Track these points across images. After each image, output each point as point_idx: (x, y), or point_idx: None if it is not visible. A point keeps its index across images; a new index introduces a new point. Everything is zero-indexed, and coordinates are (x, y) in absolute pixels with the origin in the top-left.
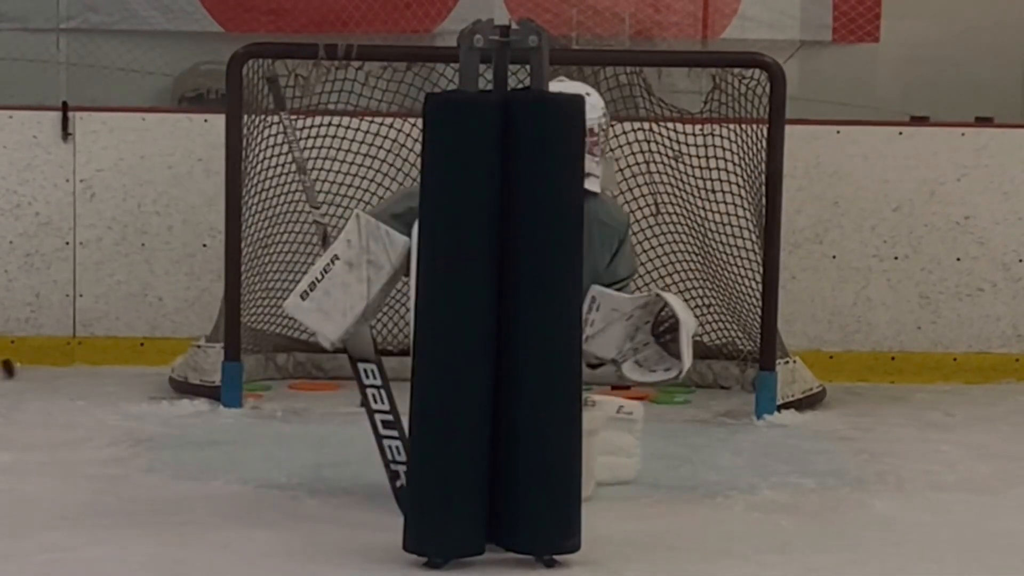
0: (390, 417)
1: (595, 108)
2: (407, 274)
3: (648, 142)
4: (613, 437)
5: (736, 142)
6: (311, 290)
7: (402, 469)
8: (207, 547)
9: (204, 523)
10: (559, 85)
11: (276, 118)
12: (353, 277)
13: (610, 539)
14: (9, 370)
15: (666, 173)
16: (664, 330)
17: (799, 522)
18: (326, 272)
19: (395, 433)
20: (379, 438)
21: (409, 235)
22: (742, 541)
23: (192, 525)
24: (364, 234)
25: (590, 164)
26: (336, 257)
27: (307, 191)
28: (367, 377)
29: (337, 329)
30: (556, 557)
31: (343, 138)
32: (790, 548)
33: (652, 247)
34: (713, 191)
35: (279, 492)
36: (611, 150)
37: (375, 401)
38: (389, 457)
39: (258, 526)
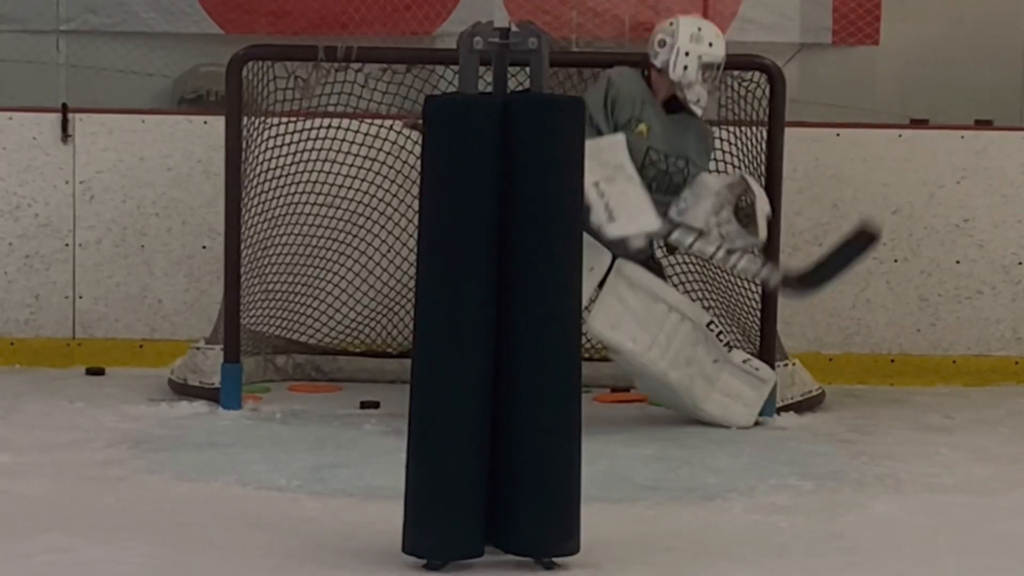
0: (724, 250)
1: (720, 47)
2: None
3: None
4: (737, 384)
5: (736, 144)
6: (612, 212)
7: (771, 267)
8: (206, 548)
9: (203, 525)
10: (697, 21)
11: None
12: (619, 184)
13: (609, 541)
14: None
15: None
16: (744, 210)
17: (798, 524)
18: (604, 196)
19: (739, 254)
20: (734, 265)
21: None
22: (741, 543)
23: (191, 527)
24: (594, 155)
25: (701, 91)
26: (596, 183)
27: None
28: (686, 237)
29: (652, 219)
30: (555, 559)
31: (343, 140)
32: (789, 550)
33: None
34: None
35: (278, 494)
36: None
37: (706, 247)
38: (754, 268)
39: (257, 528)
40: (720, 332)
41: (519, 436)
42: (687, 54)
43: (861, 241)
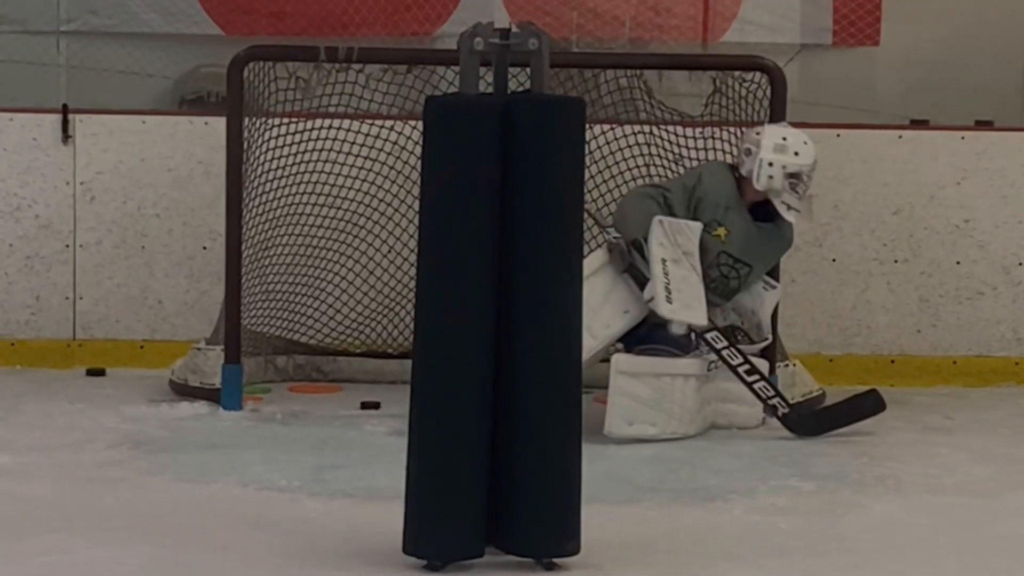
0: (748, 367)
1: (807, 155)
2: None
3: (648, 145)
4: (735, 388)
5: (736, 145)
6: (670, 293)
7: (776, 401)
8: (206, 549)
9: (203, 525)
10: (791, 130)
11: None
12: (684, 270)
13: (609, 542)
14: None
15: (666, 176)
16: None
17: (798, 525)
18: (667, 275)
19: (757, 376)
20: (748, 384)
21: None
22: (741, 544)
23: (191, 527)
24: (670, 232)
25: (791, 199)
26: (663, 260)
27: (595, 216)
28: (716, 343)
29: (703, 314)
30: (556, 560)
31: (343, 140)
32: (789, 551)
33: None
34: None
35: (279, 494)
36: (677, 159)
37: (731, 358)
38: (763, 396)
39: (258, 528)
40: (714, 364)
41: (519, 437)
42: (771, 164)
43: (870, 406)
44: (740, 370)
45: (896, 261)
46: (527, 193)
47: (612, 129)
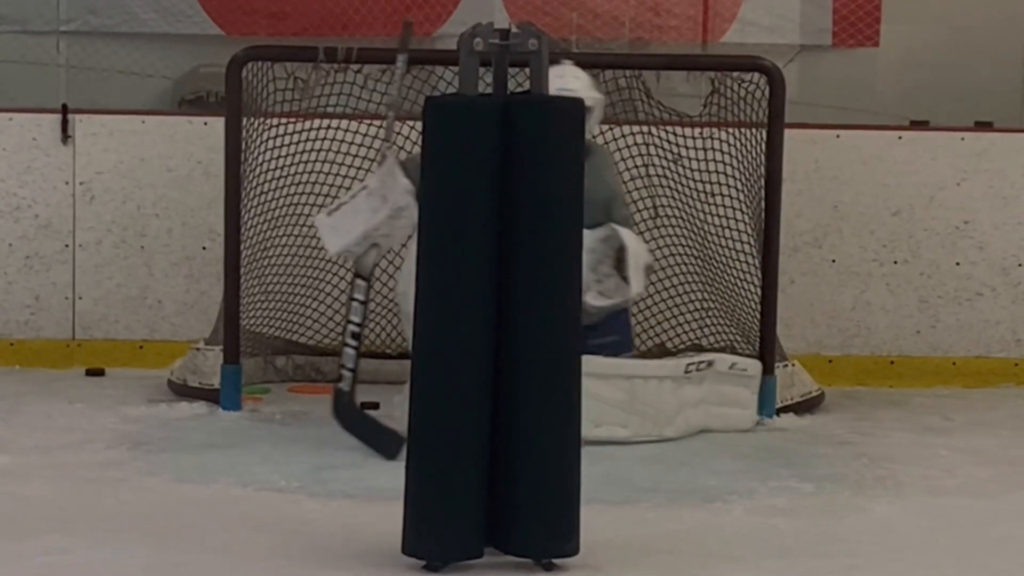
0: (357, 329)
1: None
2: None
3: (647, 145)
4: (729, 391)
5: (735, 146)
6: (336, 209)
7: (347, 374)
8: (206, 550)
9: (203, 526)
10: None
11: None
12: (368, 205)
13: (609, 543)
14: None
15: (665, 177)
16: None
17: (798, 526)
18: (352, 197)
19: (355, 344)
20: (344, 343)
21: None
22: (741, 545)
23: (191, 528)
24: (386, 169)
25: None
26: (365, 186)
27: (387, 127)
28: (355, 291)
29: (336, 245)
30: (555, 561)
31: (342, 141)
32: (789, 552)
33: (651, 250)
34: (712, 195)
35: (278, 495)
36: (676, 159)
37: (352, 313)
38: (343, 362)
39: (257, 529)
40: (700, 363)
41: (519, 437)
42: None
43: (385, 444)
44: (349, 326)
45: (896, 262)
46: (526, 193)
47: (611, 129)
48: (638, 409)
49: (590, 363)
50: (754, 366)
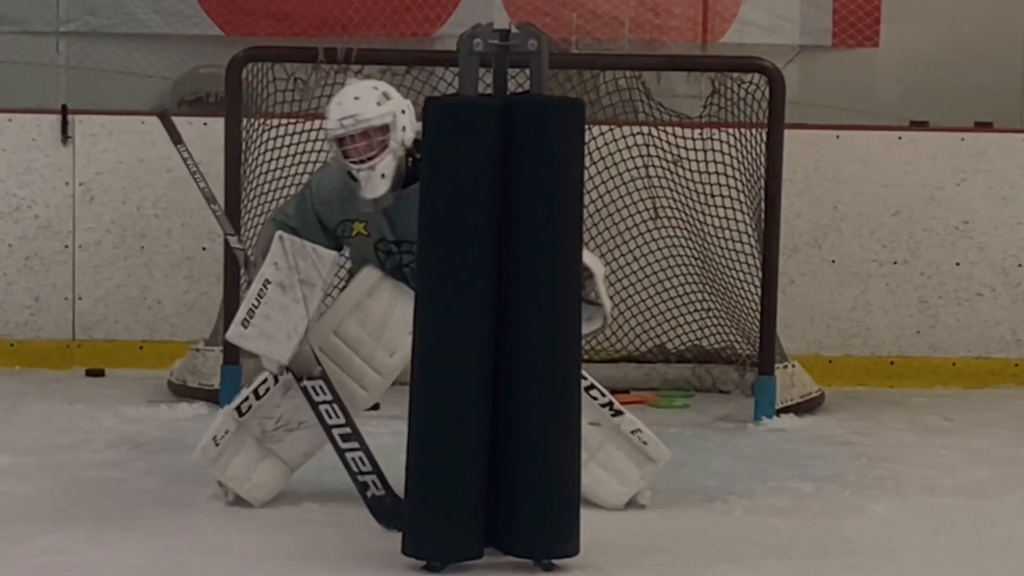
0: (347, 430)
1: (335, 119)
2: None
3: (647, 146)
4: (620, 458)
5: (735, 146)
6: (250, 317)
7: (371, 479)
8: (206, 551)
9: (202, 527)
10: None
11: (178, 151)
12: (289, 298)
13: (608, 543)
14: None
15: (665, 177)
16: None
17: (797, 526)
18: (260, 297)
19: (356, 444)
20: (340, 452)
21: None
22: (740, 546)
23: (190, 529)
24: (291, 254)
25: (360, 170)
26: (268, 281)
27: (220, 220)
28: (317, 394)
29: (285, 351)
30: (555, 561)
31: None
32: (788, 553)
33: (651, 251)
34: (712, 195)
35: (278, 496)
36: (676, 160)
37: (329, 416)
38: (355, 469)
39: (257, 530)
40: (608, 400)
41: (519, 438)
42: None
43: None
44: (335, 432)
45: (895, 262)
46: (526, 194)
47: (611, 130)
48: None
49: None
50: (657, 449)
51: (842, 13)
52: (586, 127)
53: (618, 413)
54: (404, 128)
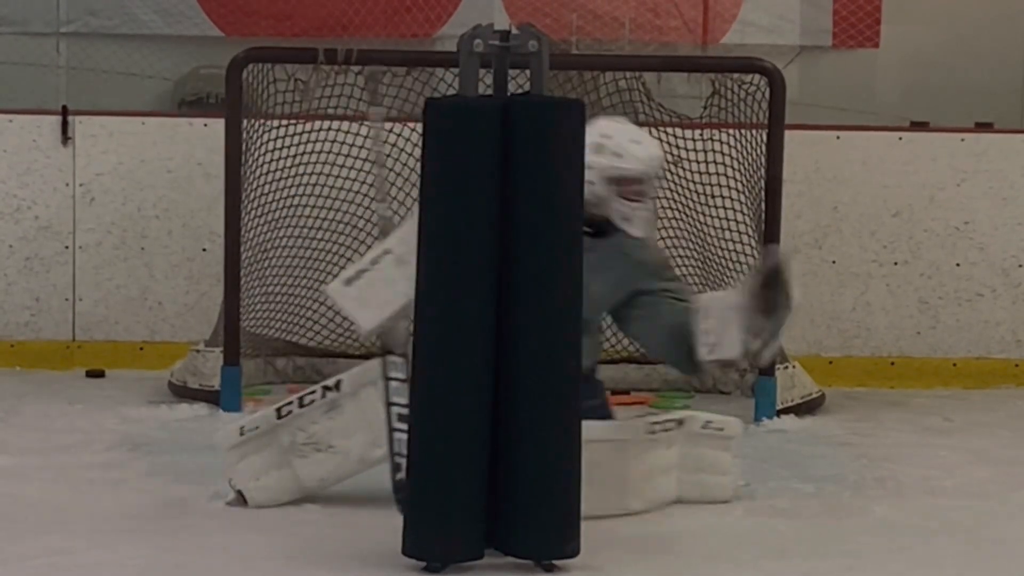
0: (405, 411)
1: (634, 158)
2: None
3: None
4: (706, 455)
5: (735, 147)
6: (357, 278)
7: (403, 462)
8: (206, 551)
9: (203, 527)
10: (617, 126)
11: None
12: (400, 273)
13: (609, 544)
14: None
15: (665, 178)
16: (765, 290)
17: (798, 527)
18: (374, 263)
19: (406, 428)
20: (391, 429)
21: None
22: (741, 546)
23: (191, 529)
24: (412, 230)
25: (625, 209)
26: (388, 251)
27: (378, 184)
28: (392, 370)
29: (372, 320)
30: (555, 562)
31: (342, 143)
32: (789, 553)
33: None
34: (712, 196)
35: None
36: (676, 161)
37: (396, 395)
38: (395, 449)
39: (257, 530)
40: (667, 422)
41: (519, 438)
42: (589, 168)
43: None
44: (393, 410)
45: (896, 263)
46: (527, 195)
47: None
48: (597, 478)
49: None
50: (732, 424)
51: (842, 14)
52: (587, 128)
53: (681, 422)
54: None
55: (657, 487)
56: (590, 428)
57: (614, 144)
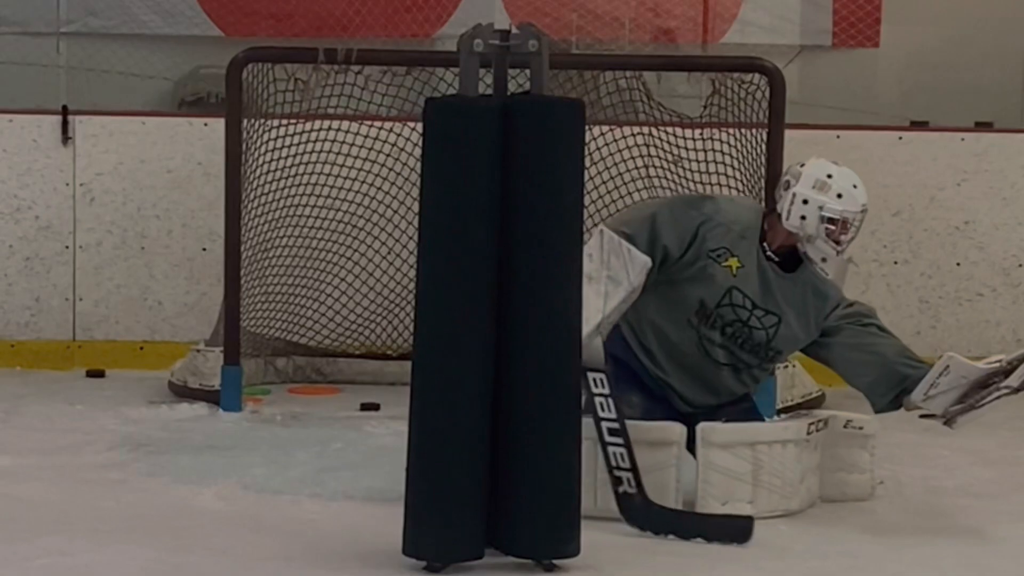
0: (616, 425)
1: (853, 200)
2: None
3: (647, 146)
4: (846, 454)
5: (736, 147)
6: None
7: (626, 475)
8: (206, 552)
9: (203, 528)
10: (841, 168)
11: None
12: (591, 290)
13: (609, 544)
14: None
15: (665, 178)
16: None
17: (798, 527)
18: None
19: (620, 440)
20: (604, 444)
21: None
22: (741, 546)
23: (191, 530)
24: (606, 249)
25: (827, 249)
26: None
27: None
28: (596, 386)
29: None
30: (555, 561)
31: (343, 142)
32: (789, 554)
33: None
34: None
35: (278, 496)
36: (676, 160)
37: (602, 409)
38: (613, 463)
39: (257, 531)
40: (819, 423)
41: (519, 438)
42: (805, 202)
43: (734, 533)
44: (604, 425)
45: (896, 262)
46: (527, 195)
47: (611, 130)
48: (764, 481)
49: (710, 431)
50: (870, 423)
51: (842, 13)
52: (586, 127)
53: (827, 422)
54: None
55: (811, 487)
56: (760, 429)
57: (837, 185)
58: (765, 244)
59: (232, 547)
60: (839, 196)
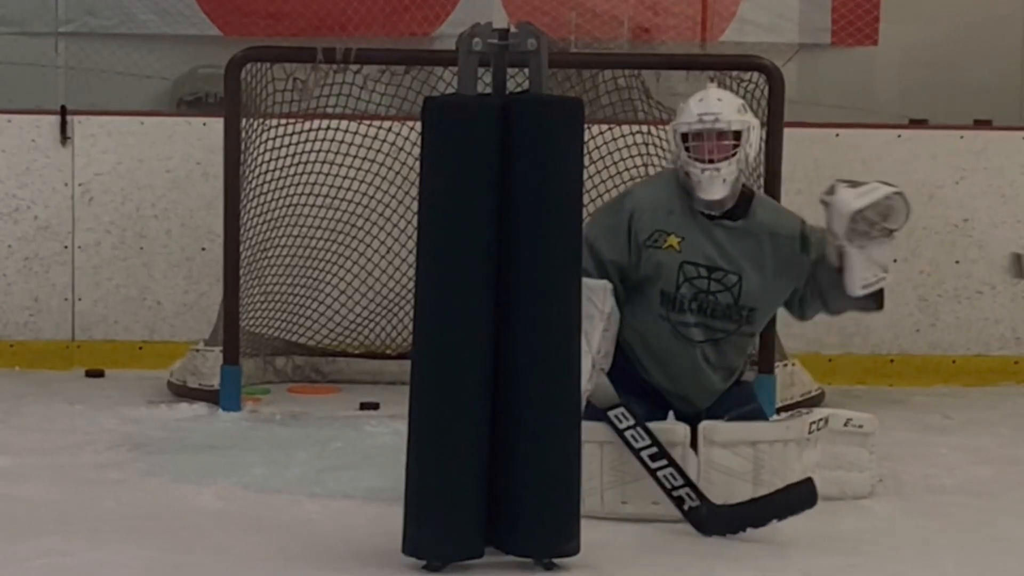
0: (654, 450)
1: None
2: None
3: (646, 145)
4: (845, 452)
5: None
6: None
7: (684, 492)
8: (206, 551)
9: (203, 527)
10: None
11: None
12: (590, 327)
13: (609, 543)
14: None
15: None
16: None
17: (798, 526)
18: None
19: (664, 462)
20: (652, 472)
21: (613, 259)
22: (741, 545)
23: (191, 529)
24: (586, 295)
25: (705, 176)
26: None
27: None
28: (620, 421)
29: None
30: (555, 560)
31: (341, 141)
32: (788, 552)
33: None
34: None
35: (278, 496)
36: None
37: (635, 440)
38: (668, 485)
39: (257, 530)
40: (819, 421)
41: (519, 437)
42: (675, 132)
43: (801, 498)
44: (643, 454)
45: (895, 260)
46: (525, 194)
47: (610, 129)
48: (764, 480)
49: (711, 430)
50: (870, 421)
51: (841, 11)
52: (585, 126)
53: (827, 421)
54: (751, 144)
55: (828, 484)
56: (761, 428)
57: (688, 104)
58: (700, 207)
59: (232, 547)
60: (682, 114)
